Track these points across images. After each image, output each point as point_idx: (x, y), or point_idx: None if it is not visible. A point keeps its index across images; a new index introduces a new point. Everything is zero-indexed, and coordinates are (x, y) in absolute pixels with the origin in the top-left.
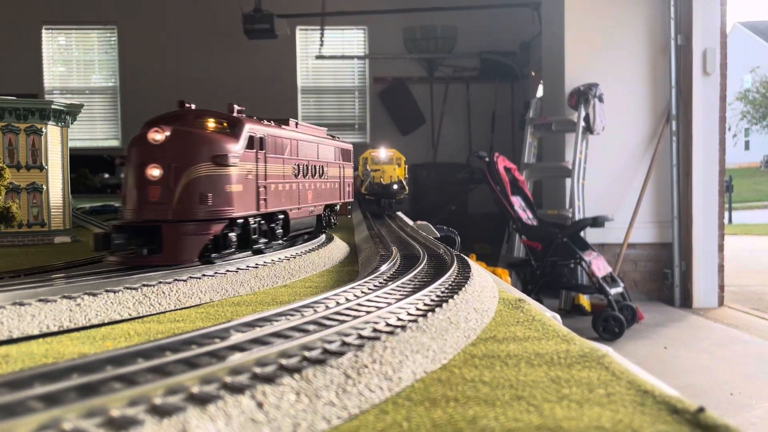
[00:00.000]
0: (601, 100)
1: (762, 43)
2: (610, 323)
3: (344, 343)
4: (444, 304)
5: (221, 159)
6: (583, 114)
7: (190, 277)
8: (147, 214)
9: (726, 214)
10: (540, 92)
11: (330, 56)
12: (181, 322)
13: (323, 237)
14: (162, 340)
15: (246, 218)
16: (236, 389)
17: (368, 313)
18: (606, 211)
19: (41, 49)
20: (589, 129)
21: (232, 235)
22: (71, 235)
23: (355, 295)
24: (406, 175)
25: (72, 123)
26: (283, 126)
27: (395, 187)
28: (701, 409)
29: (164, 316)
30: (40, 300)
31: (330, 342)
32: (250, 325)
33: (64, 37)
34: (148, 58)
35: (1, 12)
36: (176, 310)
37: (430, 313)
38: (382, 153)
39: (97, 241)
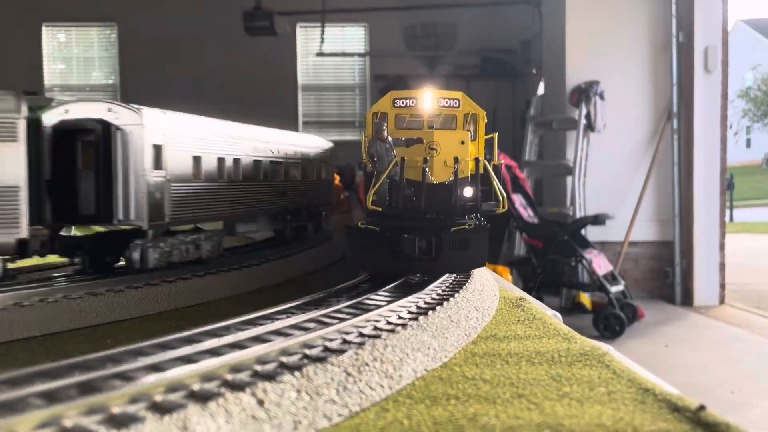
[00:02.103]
0: (602, 97)
1: (764, 40)
2: (610, 321)
3: (345, 341)
4: (445, 303)
5: None
6: (584, 112)
7: (194, 275)
8: None
9: (727, 212)
10: (541, 90)
11: (330, 54)
12: (182, 320)
13: (322, 233)
14: (162, 338)
15: None
16: (237, 386)
17: (369, 311)
18: (607, 209)
19: (41, 46)
20: (590, 127)
21: None
22: None
23: (356, 293)
24: (499, 160)
25: None
26: None
27: (468, 193)
28: (702, 407)
29: (165, 314)
30: (41, 300)
31: (331, 340)
32: (251, 323)
33: (64, 35)
34: (147, 55)
35: (2, 9)
36: (178, 308)
37: (431, 312)
38: (428, 100)
39: None
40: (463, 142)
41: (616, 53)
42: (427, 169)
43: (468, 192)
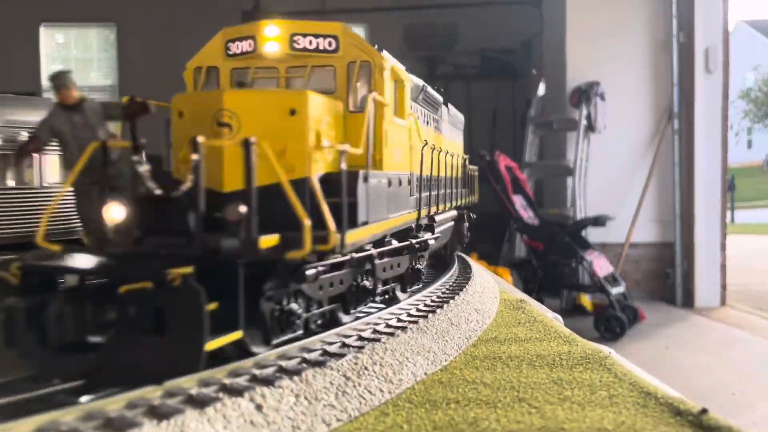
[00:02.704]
0: (602, 98)
1: (765, 41)
2: (611, 323)
3: (344, 345)
4: (445, 305)
5: None
6: (584, 112)
7: None
8: None
9: (728, 213)
10: (541, 90)
11: None
12: None
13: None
14: None
15: None
16: (235, 391)
17: (368, 314)
18: (608, 210)
19: (39, 46)
20: (590, 127)
21: None
22: None
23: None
24: (350, 147)
25: None
26: None
27: (232, 215)
28: (704, 411)
29: None
30: None
31: (330, 343)
32: None
33: (63, 35)
34: (146, 56)
35: (0, 9)
36: None
37: (430, 314)
38: (272, 37)
39: None
40: (293, 112)
41: (616, 53)
42: (139, 168)
43: (231, 213)
